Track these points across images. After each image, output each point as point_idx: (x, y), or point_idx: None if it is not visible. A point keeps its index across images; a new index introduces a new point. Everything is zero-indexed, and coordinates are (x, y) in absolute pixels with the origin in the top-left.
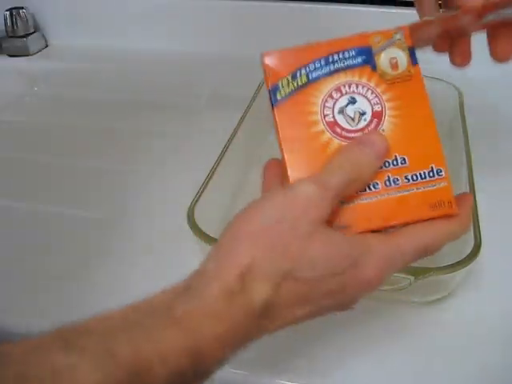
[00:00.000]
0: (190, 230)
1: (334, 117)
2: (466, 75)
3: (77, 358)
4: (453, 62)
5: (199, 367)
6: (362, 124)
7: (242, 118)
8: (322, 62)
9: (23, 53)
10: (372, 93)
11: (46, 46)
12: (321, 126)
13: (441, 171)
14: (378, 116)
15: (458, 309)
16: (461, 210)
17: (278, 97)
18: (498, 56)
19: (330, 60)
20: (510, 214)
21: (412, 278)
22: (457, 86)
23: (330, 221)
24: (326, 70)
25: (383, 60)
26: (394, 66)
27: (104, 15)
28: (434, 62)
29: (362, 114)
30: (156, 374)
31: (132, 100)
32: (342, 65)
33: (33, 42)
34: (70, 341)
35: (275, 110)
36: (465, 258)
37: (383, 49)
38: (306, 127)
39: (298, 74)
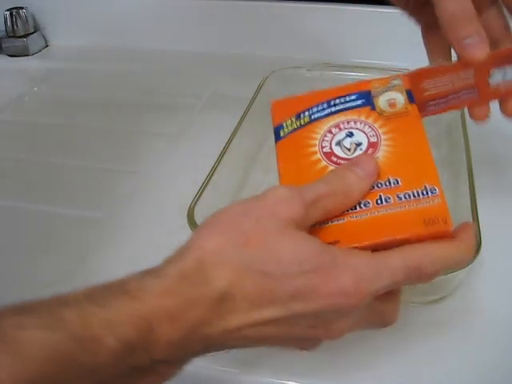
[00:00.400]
0: (190, 230)
1: (331, 148)
2: None
3: (24, 318)
4: (470, 116)
5: (150, 344)
6: (358, 153)
7: (242, 118)
8: (325, 106)
9: (23, 53)
10: (369, 127)
11: (46, 46)
12: (317, 156)
13: (435, 190)
14: (373, 146)
15: (458, 309)
16: (461, 236)
17: (281, 134)
18: (508, 113)
19: (332, 103)
20: (510, 214)
21: None
22: None
23: (317, 237)
24: (327, 111)
25: (382, 101)
26: (392, 105)
27: (104, 15)
28: None
29: (358, 144)
30: (104, 344)
31: (132, 100)
32: (343, 107)
33: (33, 41)
34: (21, 306)
35: (277, 144)
36: None
37: (382, 92)
38: (303, 158)
39: (302, 116)
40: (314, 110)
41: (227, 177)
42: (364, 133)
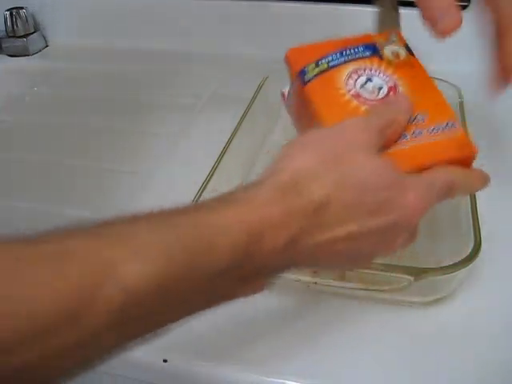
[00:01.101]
0: None
1: (356, 91)
2: (465, 74)
3: (138, 224)
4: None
5: (255, 252)
6: (381, 96)
7: (242, 118)
8: (338, 55)
9: (23, 53)
10: (383, 74)
11: (46, 46)
12: (347, 97)
13: (455, 124)
14: (392, 89)
15: (458, 309)
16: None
17: (306, 78)
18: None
19: (344, 53)
20: (511, 214)
21: (412, 278)
22: (457, 86)
23: None
24: (342, 60)
25: (387, 52)
26: (396, 56)
27: (104, 15)
28: (434, 62)
29: (380, 88)
30: (219, 248)
31: (132, 100)
32: (355, 56)
33: (33, 42)
34: (129, 216)
35: (307, 87)
36: (465, 258)
37: (385, 45)
38: (335, 98)
39: (320, 63)
40: (330, 58)
41: (227, 177)
42: (381, 78)
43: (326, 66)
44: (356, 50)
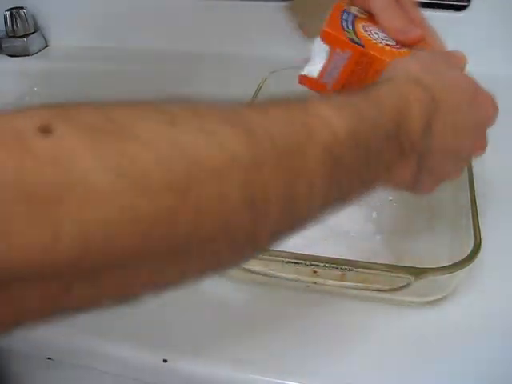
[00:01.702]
0: None
1: (383, 41)
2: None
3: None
4: None
5: (408, 119)
6: (395, 42)
7: None
8: (344, 22)
9: (23, 53)
10: (375, 27)
11: (46, 46)
12: (387, 47)
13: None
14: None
15: (458, 309)
16: None
17: (358, 42)
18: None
19: (344, 20)
20: (510, 214)
21: (412, 278)
22: None
23: None
24: (349, 23)
25: (357, 12)
26: (363, 13)
27: (104, 15)
28: None
29: (387, 36)
30: (385, 108)
31: (132, 100)
32: (350, 20)
33: (33, 41)
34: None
35: (366, 48)
36: (465, 258)
37: (349, 8)
38: (381, 49)
39: (346, 29)
40: (345, 24)
41: None
42: (379, 30)
43: (350, 29)
44: (344, 16)
